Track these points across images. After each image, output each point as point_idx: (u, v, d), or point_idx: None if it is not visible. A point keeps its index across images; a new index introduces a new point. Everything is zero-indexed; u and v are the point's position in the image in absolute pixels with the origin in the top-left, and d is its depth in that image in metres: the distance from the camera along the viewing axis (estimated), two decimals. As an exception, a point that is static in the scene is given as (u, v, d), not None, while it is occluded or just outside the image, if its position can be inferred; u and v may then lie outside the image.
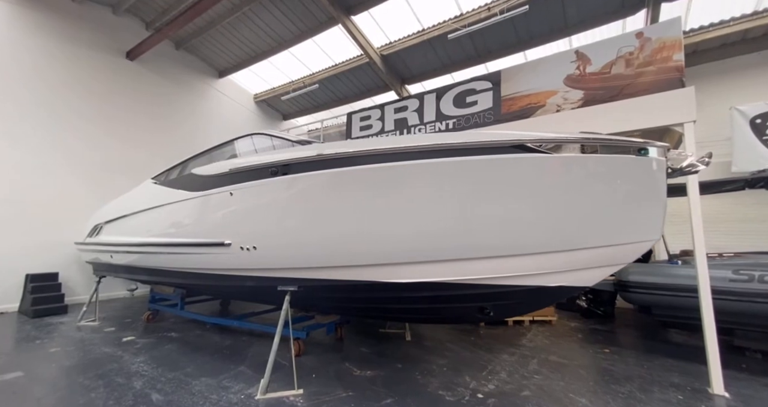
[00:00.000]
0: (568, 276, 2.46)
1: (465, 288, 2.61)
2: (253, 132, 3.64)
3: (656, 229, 2.22)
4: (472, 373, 3.37)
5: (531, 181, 2.20)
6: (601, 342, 4.55)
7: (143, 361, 3.61)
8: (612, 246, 2.29)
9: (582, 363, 3.74)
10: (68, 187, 7.14)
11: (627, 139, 2.20)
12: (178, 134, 9.38)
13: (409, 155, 2.35)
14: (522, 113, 4.63)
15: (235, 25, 8.72)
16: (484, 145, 2.24)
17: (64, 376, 3.21)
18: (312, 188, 2.70)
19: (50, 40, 7.17)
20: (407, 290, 2.75)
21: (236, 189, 3.04)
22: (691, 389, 3.07)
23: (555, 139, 2.21)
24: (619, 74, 3.89)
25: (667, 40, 3.63)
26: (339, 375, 3.28)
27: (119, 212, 4.84)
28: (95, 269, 5.99)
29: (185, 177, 3.75)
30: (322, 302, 3.46)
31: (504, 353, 4.02)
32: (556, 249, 2.33)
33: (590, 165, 2.17)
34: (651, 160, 2.16)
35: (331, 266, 2.85)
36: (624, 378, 3.29)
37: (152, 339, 4.47)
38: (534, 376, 3.32)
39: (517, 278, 2.49)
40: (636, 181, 2.19)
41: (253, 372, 3.33)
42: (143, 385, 3.00)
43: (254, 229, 2.99)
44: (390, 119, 6.21)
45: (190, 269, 3.76)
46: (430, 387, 3.03)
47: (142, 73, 8.75)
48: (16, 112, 6.59)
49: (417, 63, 9.16)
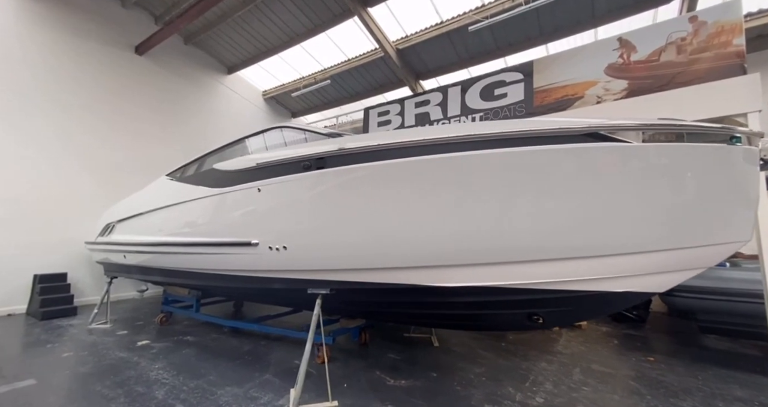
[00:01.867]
0: (638, 281, 2.20)
1: (519, 294, 2.36)
2: (280, 124, 3.40)
3: (747, 229, 1.96)
4: (515, 384, 3.12)
5: (608, 173, 1.94)
6: (640, 350, 4.28)
7: (162, 367, 3.39)
8: (693, 248, 2.03)
9: (629, 374, 3.48)
10: (75, 184, 6.94)
11: (716, 125, 1.95)
12: (187, 131, 9.20)
13: (467, 144, 2.10)
14: (557, 105, 4.37)
15: (247, 18, 8.49)
16: (553, 133, 1.98)
17: (80, 384, 3.00)
18: (351, 183, 2.45)
19: (58, 34, 6.98)
20: (453, 295, 2.50)
21: (265, 185, 2.81)
22: (759, 404, 2.80)
23: (634, 126, 1.94)
24: (669, 62, 3.62)
25: (726, 23, 3.36)
26: (372, 385, 3.05)
27: (133, 210, 4.62)
28: (106, 270, 5.79)
29: (206, 173, 3.52)
30: (354, 305, 3.23)
31: (541, 361, 3.77)
32: (629, 251, 2.07)
33: (675, 155, 1.91)
34: (743, 149, 1.90)
35: (368, 268, 2.61)
36: (681, 391, 3.03)
37: (168, 343, 4.26)
38: (582, 388, 3.07)
39: (580, 282, 2.23)
40: (725, 173, 1.93)
41: (280, 381, 3.11)
42: (165, 395, 2.78)
43: (285, 228, 2.75)
44: (410, 113, 5.98)
45: (210, 271, 3.53)
46: (473, 400, 2.79)
47: (150, 68, 8.55)
48: (24, 107, 6.40)
49: (433, 57, 8.89)
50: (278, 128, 3.40)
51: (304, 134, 3.19)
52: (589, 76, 4.16)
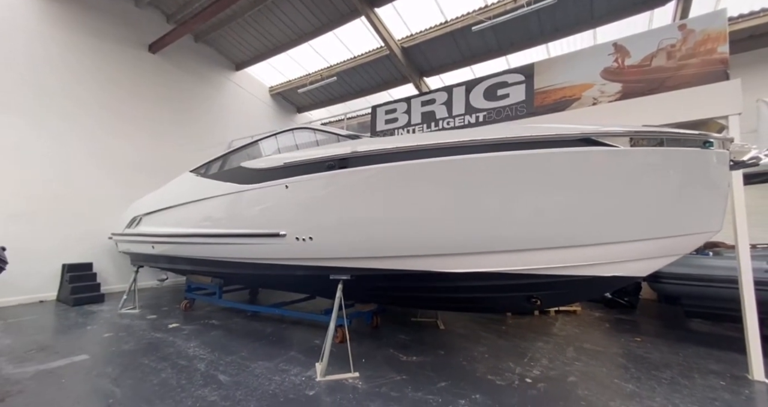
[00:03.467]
0: (623, 267, 2.54)
1: (519, 278, 2.70)
2: (301, 126, 3.71)
3: (718, 221, 2.30)
4: (515, 360, 3.50)
5: (598, 173, 2.27)
6: (629, 332, 4.66)
7: (197, 346, 3.78)
8: (672, 237, 2.37)
9: (617, 352, 3.85)
10: (95, 179, 7.26)
11: (692, 132, 2.26)
12: (197, 126, 9.48)
13: (474, 148, 2.42)
14: (556, 105, 4.66)
15: (257, 17, 8.71)
16: (551, 138, 2.30)
17: (129, 359, 3.38)
18: (371, 182, 2.77)
19: (76, 34, 7.22)
20: (461, 280, 2.85)
21: (292, 182, 3.14)
22: (730, 375, 3.17)
23: (622, 132, 2.26)
24: (660, 67, 3.90)
25: (712, 32, 3.64)
26: (388, 361, 3.42)
27: (161, 204, 4.97)
28: (133, 260, 6.16)
29: (235, 170, 3.84)
30: (371, 290, 3.57)
31: (538, 341, 4.15)
32: (616, 240, 2.41)
33: (657, 158, 2.24)
34: (715, 153, 2.23)
35: (386, 256, 2.96)
36: (663, 365, 3.41)
37: (196, 325, 4.65)
38: (575, 363, 3.44)
39: (574, 268, 2.57)
40: (700, 173, 2.26)
41: (305, 357, 3.48)
42: (207, 367, 3.16)
43: (311, 220, 3.09)
44: (417, 112, 6.25)
45: (238, 259, 3.89)
46: (478, 373, 3.16)
47: (163, 65, 8.80)
48: (49, 106, 6.69)
49: (437, 56, 9.13)
50: (300, 129, 3.72)
51: (318, 135, 3.50)
52: (586, 79, 4.43)
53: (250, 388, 2.74)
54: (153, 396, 2.61)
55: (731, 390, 2.87)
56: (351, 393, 2.70)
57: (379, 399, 2.60)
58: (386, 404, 2.52)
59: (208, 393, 2.65)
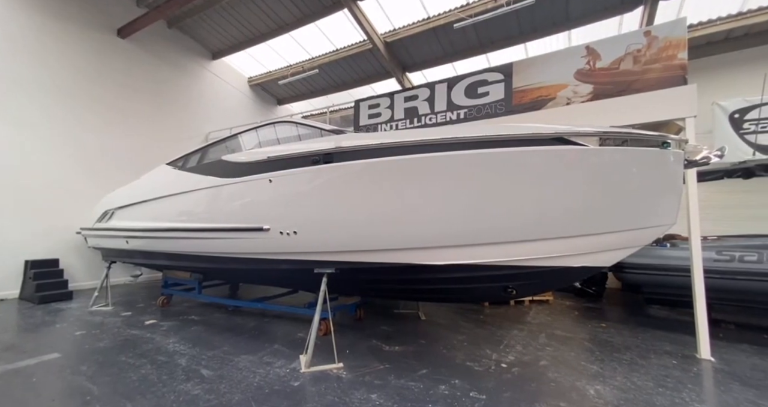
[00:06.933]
0: (592, 257, 2.74)
1: (496, 269, 2.86)
2: (283, 118, 3.69)
3: (673, 215, 2.53)
4: (491, 347, 3.69)
5: (568, 171, 2.43)
6: (596, 318, 5.01)
7: (176, 341, 3.72)
8: (634, 230, 2.58)
9: (585, 337, 4.14)
10: (63, 171, 6.86)
11: (651, 133, 2.46)
12: (171, 116, 9.10)
13: (455, 145, 2.52)
14: (533, 104, 4.85)
15: (235, 5, 8.41)
16: (527, 137, 2.44)
17: (104, 356, 3.29)
18: (356, 177, 2.82)
19: (40, 16, 6.72)
20: (442, 272, 2.97)
21: (276, 176, 3.13)
22: (681, 355, 3.50)
23: (591, 132, 2.43)
24: (627, 70, 4.15)
25: (673, 39, 3.90)
26: (371, 351, 3.52)
27: (135, 197, 4.78)
28: (105, 255, 5.91)
29: (215, 163, 3.77)
30: (355, 283, 3.64)
31: (513, 329, 4.38)
32: (585, 233, 2.60)
33: (621, 157, 2.42)
34: (672, 152, 2.44)
35: (370, 249, 3.03)
36: (624, 348, 3.70)
37: (175, 321, 4.56)
38: (546, 348, 3.68)
39: (546, 259, 2.75)
40: (658, 171, 2.46)
41: (289, 350, 3.52)
42: (188, 362, 3.13)
43: (295, 215, 3.10)
44: (400, 107, 6.30)
45: (219, 254, 3.84)
46: (457, 359, 3.32)
47: (133, 51, 8.35)
48: (10, 90, 6.23)
49: (420, 51, 9.19)
50: (282, 122, 3.68)
51: (301, 129, 3.49)
52: (561, 79, 4.64)
53: (235, 381, 2.76)
54: (133, 392, 2.58)
55: (682, 367, 3.18)
56: (335, 382, 2.77)
57: (363, 387, 2.69)
58: (370, 392, 2.61)
59: (191, 388, 2.64)
